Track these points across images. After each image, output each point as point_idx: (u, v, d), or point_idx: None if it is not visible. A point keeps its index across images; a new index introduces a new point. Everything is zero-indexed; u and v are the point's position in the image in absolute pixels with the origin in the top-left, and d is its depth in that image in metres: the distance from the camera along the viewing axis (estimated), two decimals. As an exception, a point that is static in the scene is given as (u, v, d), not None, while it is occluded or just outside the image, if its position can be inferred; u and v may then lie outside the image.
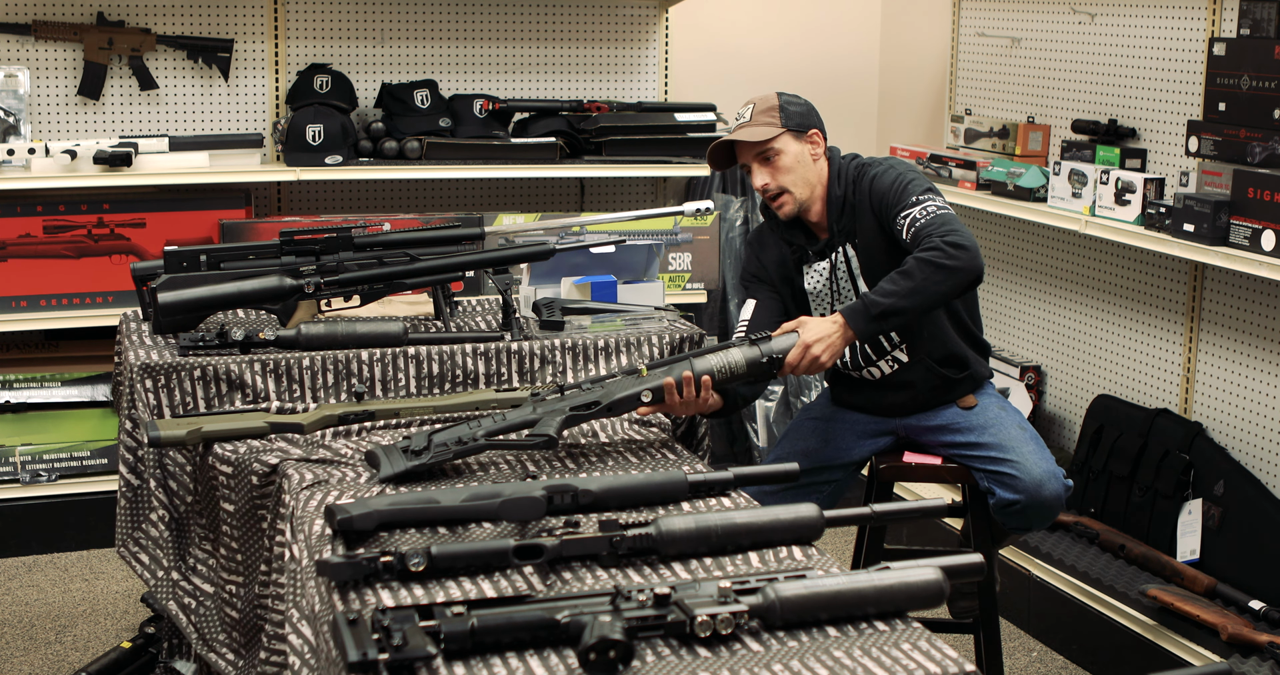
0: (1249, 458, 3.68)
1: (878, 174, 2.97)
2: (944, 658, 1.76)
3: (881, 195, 2.94)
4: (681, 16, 5.01)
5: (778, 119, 2.96)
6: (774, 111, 2.97)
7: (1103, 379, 4.22)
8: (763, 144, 2.95)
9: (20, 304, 4.24)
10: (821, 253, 3.04)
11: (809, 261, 3.08)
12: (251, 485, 2.56)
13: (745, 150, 2.98)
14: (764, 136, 2.94)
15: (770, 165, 2.96)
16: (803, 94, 3.10)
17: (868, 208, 2.97)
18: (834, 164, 3.03)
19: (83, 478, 4.34)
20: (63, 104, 4.43)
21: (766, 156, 2.96)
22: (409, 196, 4.81)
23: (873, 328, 2.76)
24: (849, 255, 3.02)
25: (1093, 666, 3.68)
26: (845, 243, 3.01)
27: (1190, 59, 3.79)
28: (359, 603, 1.92)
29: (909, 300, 2.75)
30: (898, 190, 2.91)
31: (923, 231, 2.81)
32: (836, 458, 3.12)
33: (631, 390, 2.60)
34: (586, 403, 2.56)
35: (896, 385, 3.11)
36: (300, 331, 2.89)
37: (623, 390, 2.60)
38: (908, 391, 3.11)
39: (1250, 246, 3.32)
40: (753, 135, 2.95)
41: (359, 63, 4.68)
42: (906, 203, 2.88)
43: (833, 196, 3.00)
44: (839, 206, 3.00)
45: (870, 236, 2.98)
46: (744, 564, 2.05)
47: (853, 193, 3.00)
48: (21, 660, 3.65)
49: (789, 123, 2.97)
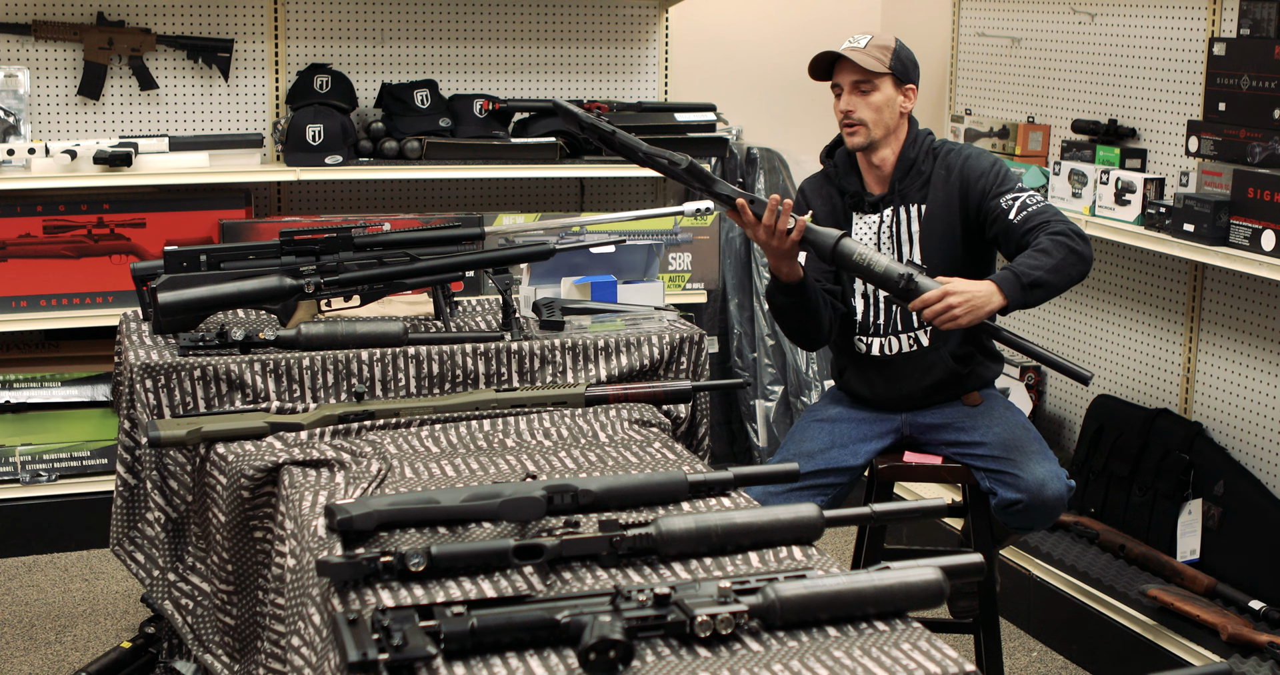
0: (1249, 458, 3.68)
1: (972, 154, 3.09)
2: (944, 658, 1.76)
3: (980, 174, 3.04)
4: (681, 16, 5.01)
5: (888, 59, 3.05)
6: (888, 51, 3.06)
7: (1103, 379, 4.22)
8: (866, 73, 3.03)
9: (20, 304, 4.24)
10: (875, 206, 3.12)
11: (863, 211, 3.14)
12: (242, 498, 2.55)
13: (847, 71, 3.06)
14: (871, 67, 3.02)
15: (863, 96, 3.05)
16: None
17: (949, 180, 3.07)
18: (913, 129, 3.13)
19: (83, 478, 4.34)
20: (63, 104, 4.43)
21: (863, 88, 3.05)
22: (409, 196, 4.81)
23: (1023, 296, 2.82)
24: (906, 217, 3.10)
25: (1093, 666, 3.68)
26: (904, 204, 3.10)
27: (1190, 59, 3.79)
28: (359, 603, 1.92)
29: (1053, 276, 2.83)
30: (999, 174, 3.04)
31: (1039, 216, 2.92)
32: (842, 459, 3.12)
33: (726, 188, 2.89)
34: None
35: (907, 370, 3.11)
36: (300, 331, 2.89)
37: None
38: (916, 379, 3.11)
39: (1250, 246, 3.32)
40: (863, 61, 3.03)
41: (359, 63, 4.68)
42: (1012, 187, 3.01)
43: (904, 157, 3.10)
44: (906, 168, 3.09)
45: (939, 208, 3.07)
46: (744, 564, 2.05)
47: (927, 162, 3.09)
48: (21, 660, 3.65)
49: (895, 67, 3.06)
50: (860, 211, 3.14)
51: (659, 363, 3.07)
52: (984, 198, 3.02)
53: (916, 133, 3.12)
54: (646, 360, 3.06)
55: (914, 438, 3.19)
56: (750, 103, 5.12)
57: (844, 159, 3.17)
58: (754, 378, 4.95)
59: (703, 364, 3.11)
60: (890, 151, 3.10)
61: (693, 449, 3.07)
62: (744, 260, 4.99)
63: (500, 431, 2.69)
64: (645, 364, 3.05)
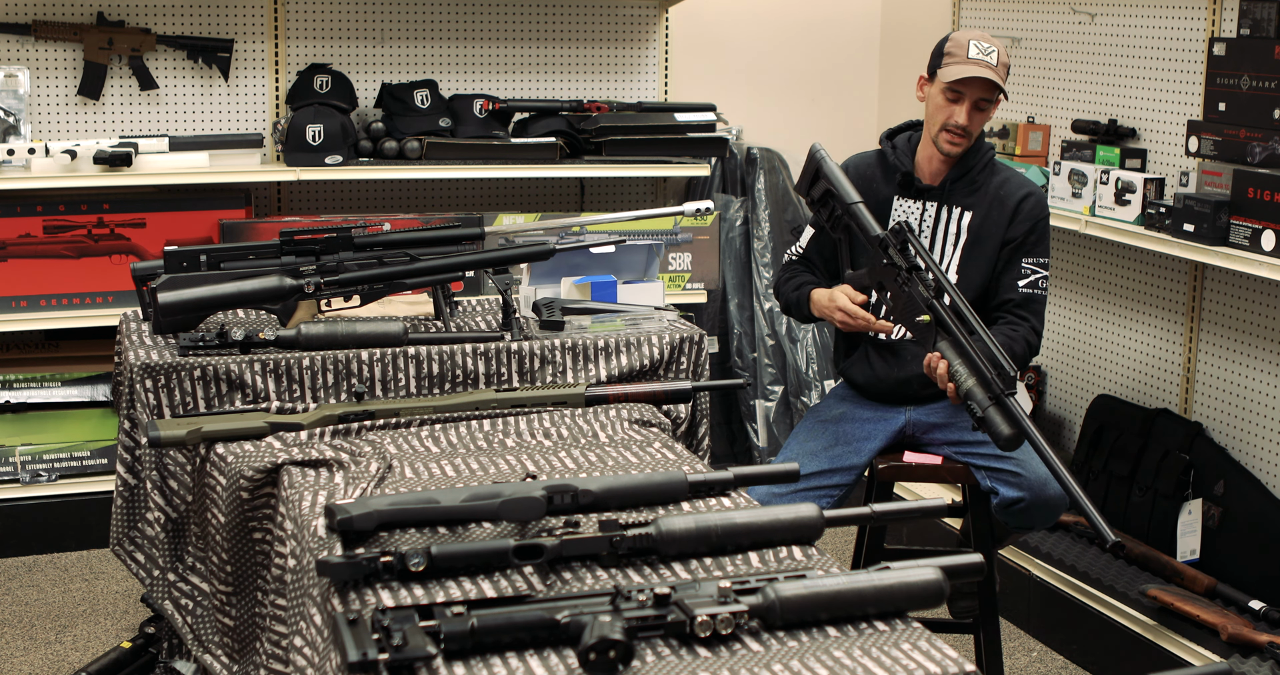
0: (1249, 458, 3.68)
1: (1033, 195, 3.17)
2: (944, 658, 1.76)
3: (1033, 223, 3.13)
4: (681, 16, 5.01)
5: (1004, 76, 3.09)
6: (1006, 68, 3.11)
7: (1103, 379, 4.22)
8: (994, 92, 3.08)
9: (20, 304, 4.24)
10: (921, 194, 3.17)
11: (909, 195, 3.18)
12: (241, 500, 2.55)
13: (977, 87, 3.07)
14: (1000, 88, 3.08)
15: (981, 113, 3.10)
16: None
17: (1004, 206, 3.13)
18: (979, 137, 3.18)
19: (83, 478, 4.34)
20: (63, 104, 4.43)
21: (981, 105, 3.09)
22: (409, 196, 4.81)
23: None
24: (948, 217, 3.15)
25: (1093, 666, 3.68)
26: (950, 204, 3.16)
27: (1190, 59, 3.79)
28: (359, 603, 1.92)
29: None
30: (1042, 234, 3.13)
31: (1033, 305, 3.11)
32: (845, 457, 3.12)
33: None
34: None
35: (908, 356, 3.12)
36: (300, 331, 2.89)
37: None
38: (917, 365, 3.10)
39: (1250, 246, 3.32)
40: (998, 80, 3.07)
41: (359, 63, 4.68)
42: (1041, 258, 3.14)
43: (964, 162, 3.15)
44: (962, 172, 3.15)
45: (988, 228, 3.13)
46: (744, 564, 2.05)
47: (983, 174, 3.15)
48: (21, 660, 3.65)
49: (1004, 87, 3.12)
50: (906, 196, 3.19)
51: (659, 363, 3.07)
52: (1018, 250, 3.11)
53: (981, 143, 3.18)
54: (646, 360, 3.05)
55: (916, 437, 3.19)
56: (750, 103, 5.12)
57: (905, 144, 3.22)
58: (754, 378, 4.95)
59: (703, 364, 3.11)
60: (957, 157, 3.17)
61: (693, 449, 3.07)
62: (744, 260, 4.99)
63: (500, 431, 2.69)
64: (645, 364, 3.05)
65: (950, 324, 2.84)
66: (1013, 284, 3.11)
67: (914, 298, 2.88)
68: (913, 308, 2.88)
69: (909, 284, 2.90)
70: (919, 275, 2.88)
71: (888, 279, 2.92)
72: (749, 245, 4.97)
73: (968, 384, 2.78)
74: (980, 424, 2.77)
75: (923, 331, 2.86)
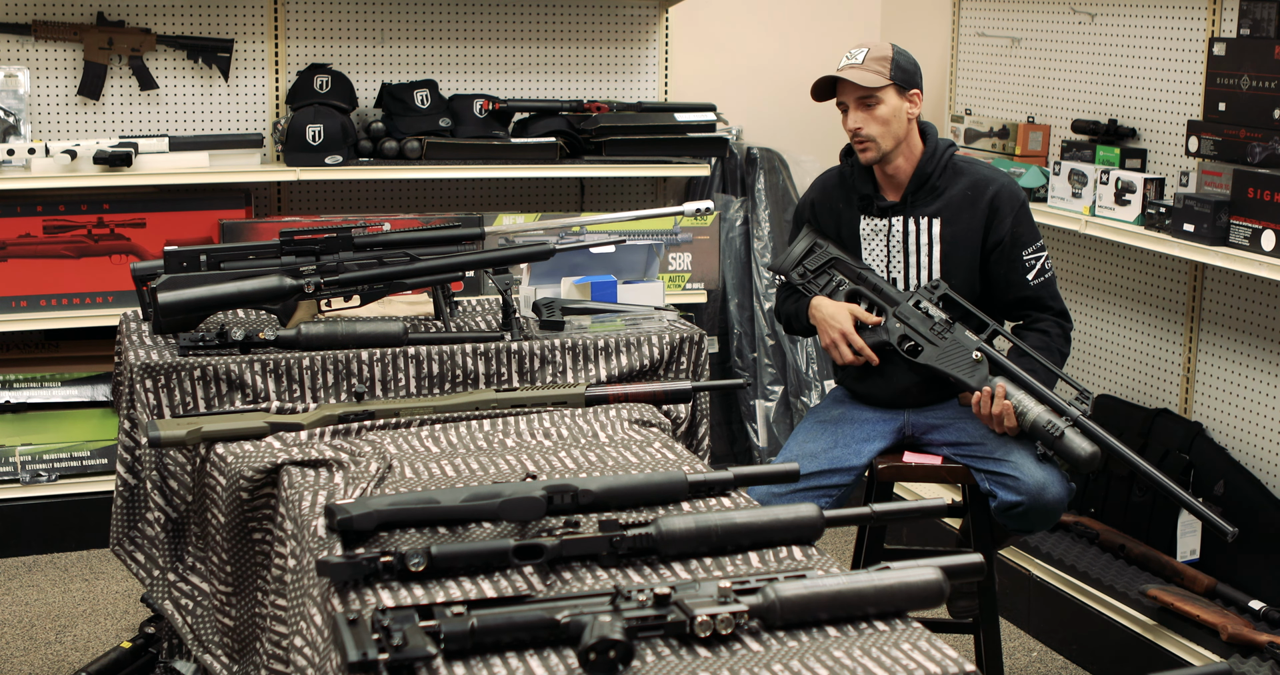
0: (1249, 458, 3.68)
1: (1004, 187, 3.13)
2: (944, 658, 1.76)
3: (1011, 213, 3.10)
4: (681, 16, 5.01)
5: (888, 70, 3.04)
6: (886, 61, 3.05)
7: (1103, 379, 4.22)
8: (867, 89, 3.02)
9: (20, 304, 4.24)
10: (885, 212, 3.14)
11: (871, 214, 3.16)
12: (241, 500, 2.55)
13: (848, 90, 3.06)
14: (871, 84, 3.02)
15: (868, 112, 3.05)
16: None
17: (976, 205, 3.10)
18: (929, 140, 3.13)
19: (83, 478, 4.34)
20: (63, 104, 4.43)
21: (867, 103, 3.04)
22: (409, 196, 4.81)
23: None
24: (917, 228, 3.12)
25: (1093, 666, 3.68)
26: (916, 215, 3.12)
27: (1190, 59, 3.79)
28: (359, 603, 1.92)
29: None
30: (1026, 221, 3.13)
31: (1047, 290, 3.13)
32: (845, 459, 3.11)
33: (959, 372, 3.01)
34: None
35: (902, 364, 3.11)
36: (300, 331, 2.89)
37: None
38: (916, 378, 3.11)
39: (1250, 246, 3.32)
40: (862, 79, 3.02)
41: (359, 63, 4.68)
42: (1034, 242, 3.13)
43: (921, 171, 3.10)
44: (921, 181, 3.11)
45: (963, 232, 3.11)
46: (744, 564, 2.05)
47: (944, 177, 3.12)
48: (21, 660, 3.65)
49: (896, 76, 3.05)
50: (869, 214, 3.16)
51: (659, 363, 3.07)
52: (1013, 246, 3.10)
53: (935, 144, 3.13)
54: (646, 360, 3.06)
55: (915, 438, 3.19)
56: (750, 103, 5.12)
57: (860, 162, 3.19)
58: (754, 378, 4.95)
59: (703, 364, 3.11)
60: (904, 160, 3.11)
61: (693, 449, 3.07)
62: (744, 260, 4.99)
63: (500, 431, 2.69)
64: (645, 364, 3.05)
65: (1004, 362, 2.96)
66: (1022, 281, 3.10)
67: (959, 342, 3.00)
68: (958, 352, 3.00)
69: (949, 331, 3.01)
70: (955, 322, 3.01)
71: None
72: (749, 245, 4.97)
73: (1032, 415, 2.90)
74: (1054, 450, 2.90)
75: (966, 369, 3.00)
